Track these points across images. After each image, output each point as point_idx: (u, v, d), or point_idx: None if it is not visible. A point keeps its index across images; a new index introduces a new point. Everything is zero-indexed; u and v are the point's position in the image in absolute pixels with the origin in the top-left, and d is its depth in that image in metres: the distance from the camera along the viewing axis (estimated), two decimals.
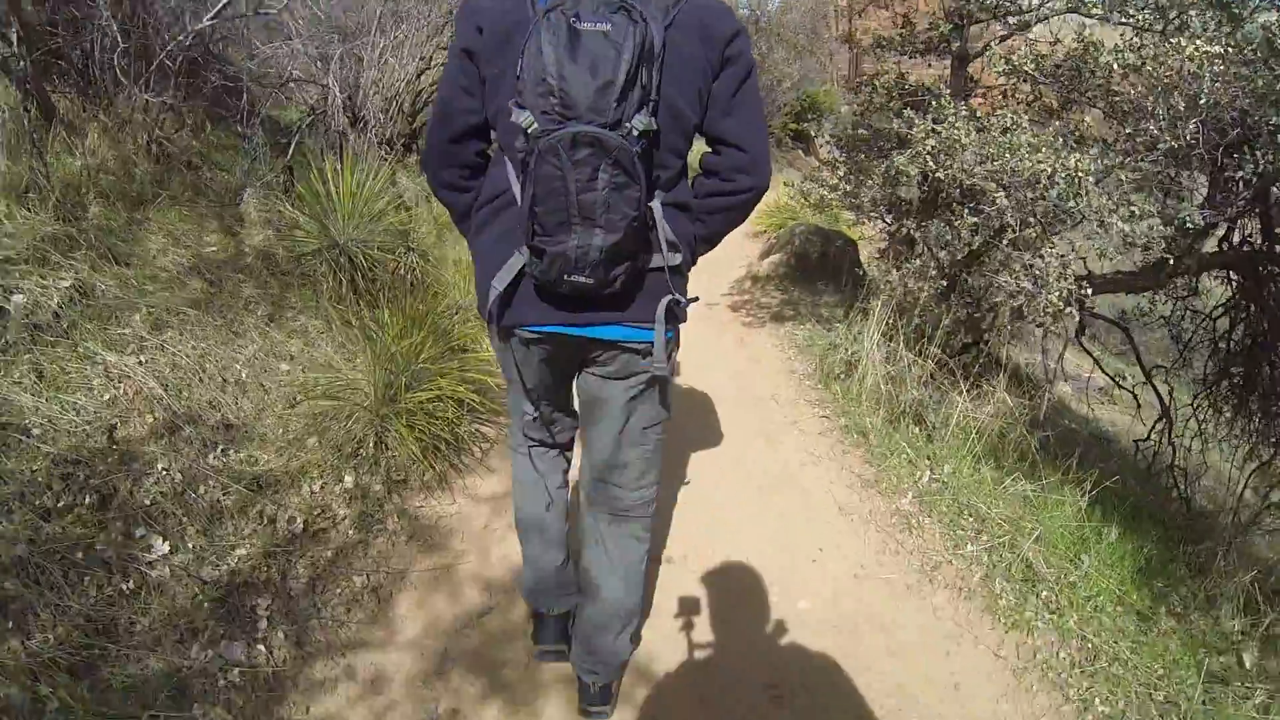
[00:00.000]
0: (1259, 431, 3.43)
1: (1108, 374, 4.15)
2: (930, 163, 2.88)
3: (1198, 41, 2.36)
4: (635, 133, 1.14)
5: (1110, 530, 2.54)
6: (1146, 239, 2.71)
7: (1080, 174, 2.56)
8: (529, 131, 1.13)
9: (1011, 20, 3.52)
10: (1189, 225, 2.70)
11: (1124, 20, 2.85)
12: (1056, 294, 2.77)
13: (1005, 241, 3.05)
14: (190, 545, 2.10)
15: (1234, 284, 3.44)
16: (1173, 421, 3.66)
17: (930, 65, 4.50)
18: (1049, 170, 2.60)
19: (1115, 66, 2.66)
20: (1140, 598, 2.32)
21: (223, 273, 3.33)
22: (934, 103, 3.39)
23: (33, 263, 2.67)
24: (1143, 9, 2.72)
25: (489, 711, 1.78)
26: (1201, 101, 2.44)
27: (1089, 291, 2.90)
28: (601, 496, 1.60)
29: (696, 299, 1.42)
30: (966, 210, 3.25)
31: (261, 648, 1.92)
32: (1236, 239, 3.25)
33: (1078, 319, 3.30)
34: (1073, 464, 2.86)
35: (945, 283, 3.49)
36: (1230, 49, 2.36)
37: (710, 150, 1.38)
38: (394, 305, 3.31)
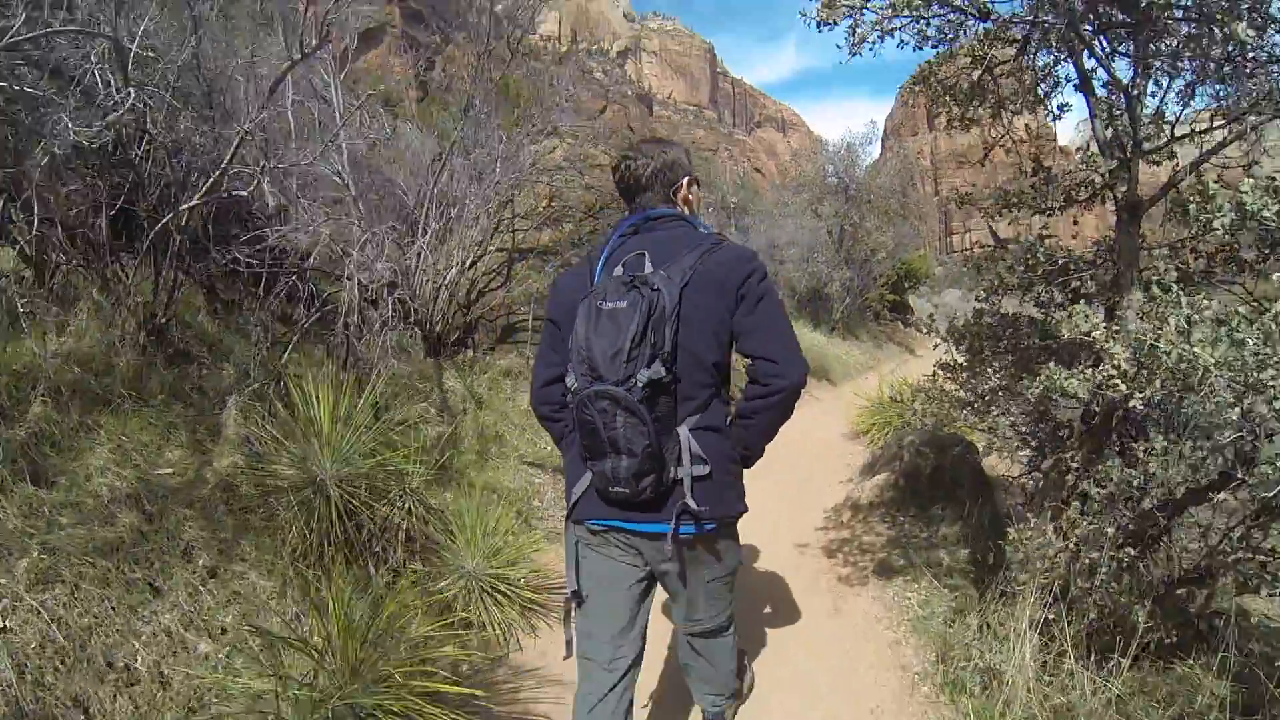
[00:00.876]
0: None
1: None
2: (1121, 384, 1.87)
3: None
4: (640, 384, 1.56)
5: None
6: None
7: None
8: (573, 389, 1.64)
9: (1208, 136, 2.37)
10: None
11: None
12: None
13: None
14: None
15: None
16: None
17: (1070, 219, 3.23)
18: None
19: None
20: None
21: (168, 504, 2.68)
22: (1090, 280, 2.46)
23: None
24: None
25: None
26: None
27: None
28: (688, 628, 2.04)
29: (745, 510, 1.80)
30: (1165, 435, 2.21)
31: None
32: None
33: None
34: None
35: (1133, 549, 2.34)
36: None
37: (750, 363, 1.71)
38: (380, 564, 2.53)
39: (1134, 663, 2.29)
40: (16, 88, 2.60)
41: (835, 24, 2.51)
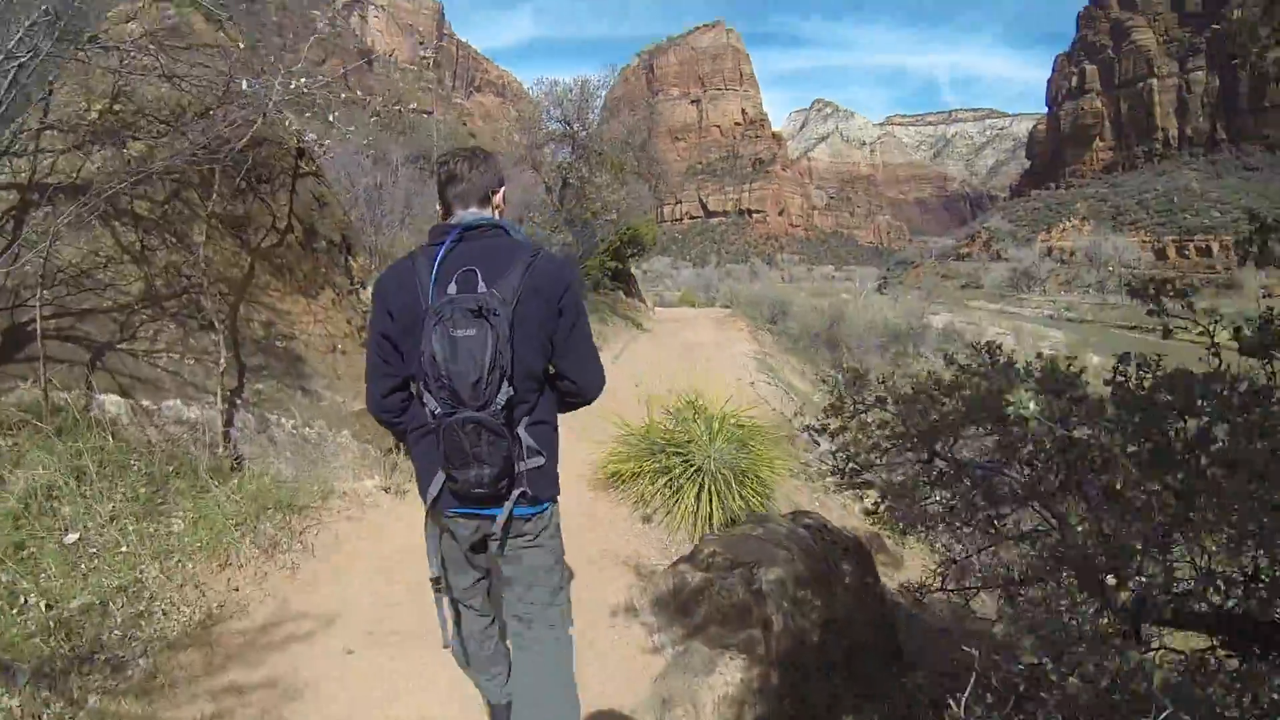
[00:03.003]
0: None
1: None
2: None
3: None
4: (499, 406, 1.79)
5: None
6: None
7: None
8: (435, 413, 1.82)
9: None
10: None
11: None
12: None
13: None
14: None
15: None
16: None
17: None
18: None
19: None
20: None
21: None
22: None
23: None
24: None
25: None
26: None
27: None
28: (518, 613, 2.15)
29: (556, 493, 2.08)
30: None
31: None
32: None
33: None
34: None
35: None
36: None
37: (554, 372, 2.01)
38: None
39: None
40: None
41: None
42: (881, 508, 3.00)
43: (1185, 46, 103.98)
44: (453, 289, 1.81)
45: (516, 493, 1.92)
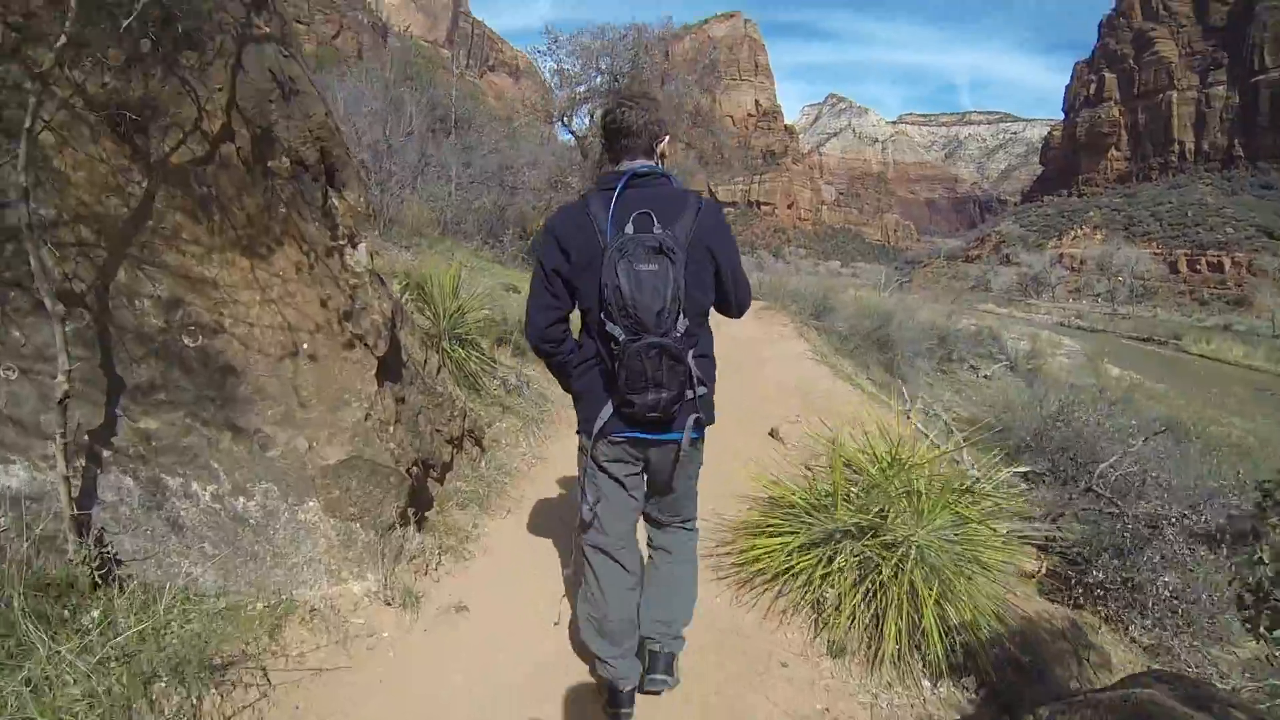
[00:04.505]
0: None
1: None
2: None
3: None
4: (679, 334, 1.98)
5: None
6: None
7: None
8: (620, 340, 1.98)
9: None
10: None
11: None
12: None
13: None
14: None
15: None
16: None
17: None
18: None
19: None
20: None
21: None
22: None
23: None
24: None
25: None
26: None
27: None
28: (668, 520, 2.47)
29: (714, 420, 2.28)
30: None
31: None
32: None
33: None
34: None
35: None
36: None
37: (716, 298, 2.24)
38: None
39: None
40: None
41: None
42: None
43: (1207, 60, 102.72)
44: (629, 229, 1.98)
45: (692, 417, 2.15)
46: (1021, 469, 5.65)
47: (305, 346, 2.80)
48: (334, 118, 3.26)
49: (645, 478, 2.32)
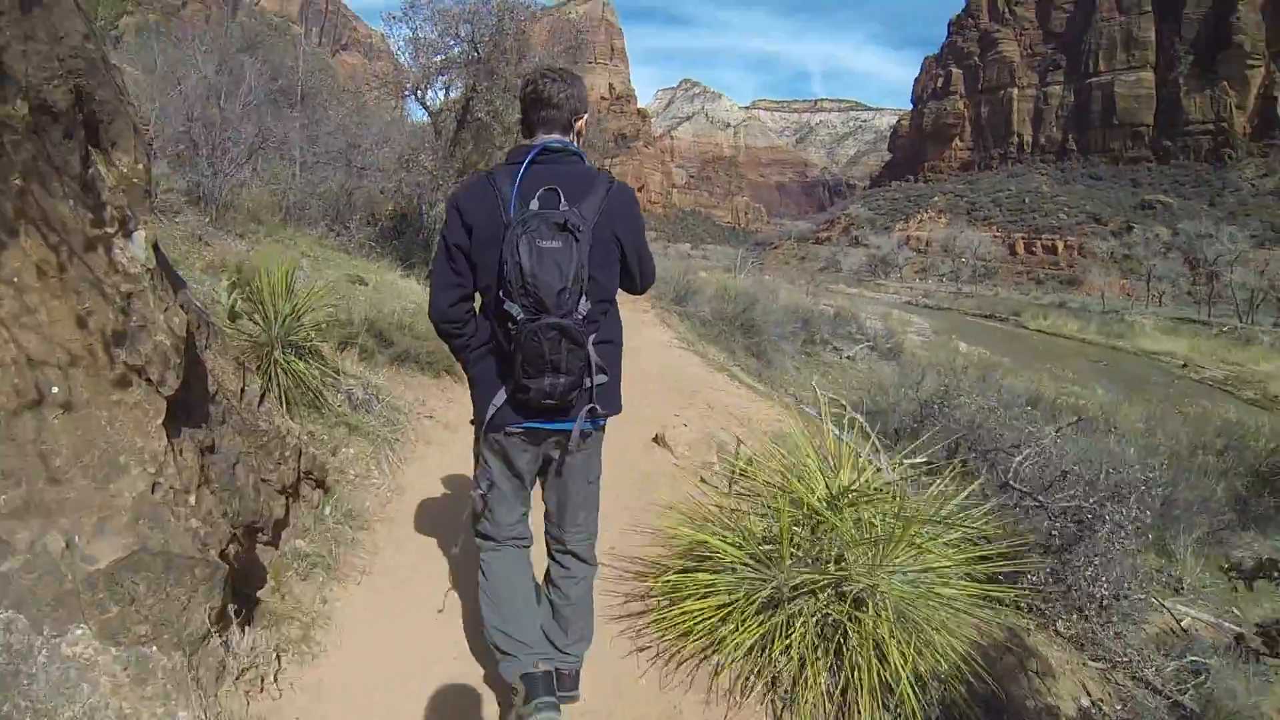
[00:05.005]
0: None
1: None
2: None
3: None
4: (580, 317, 1.89)
5: None
6: None
7: None
8: (518, 319, 1.86)
9: None
10: None
11: None
12: None
13: None
14: None
15: None
16: None
17: None
18: None
19: None
20: None
21: None
22: None
23: None
24: None
25: None
26: None
27: None
28: (568, 532, 2.28)
29: (620, 409, 2.18)
30: None
31: None
32: None
33: None
34: None
35: None
36: None
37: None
38: None
39: None
40: None
41: None
42: None
43: (1047, 61, 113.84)
44: (534, 205, 1.90)
45: (586, 408, 2.04)
46: (917, 460, 5.47)
47: (55, 390, 1.87)
48: (100, 43, 2.21)
49: (538, 469, 2.23)
